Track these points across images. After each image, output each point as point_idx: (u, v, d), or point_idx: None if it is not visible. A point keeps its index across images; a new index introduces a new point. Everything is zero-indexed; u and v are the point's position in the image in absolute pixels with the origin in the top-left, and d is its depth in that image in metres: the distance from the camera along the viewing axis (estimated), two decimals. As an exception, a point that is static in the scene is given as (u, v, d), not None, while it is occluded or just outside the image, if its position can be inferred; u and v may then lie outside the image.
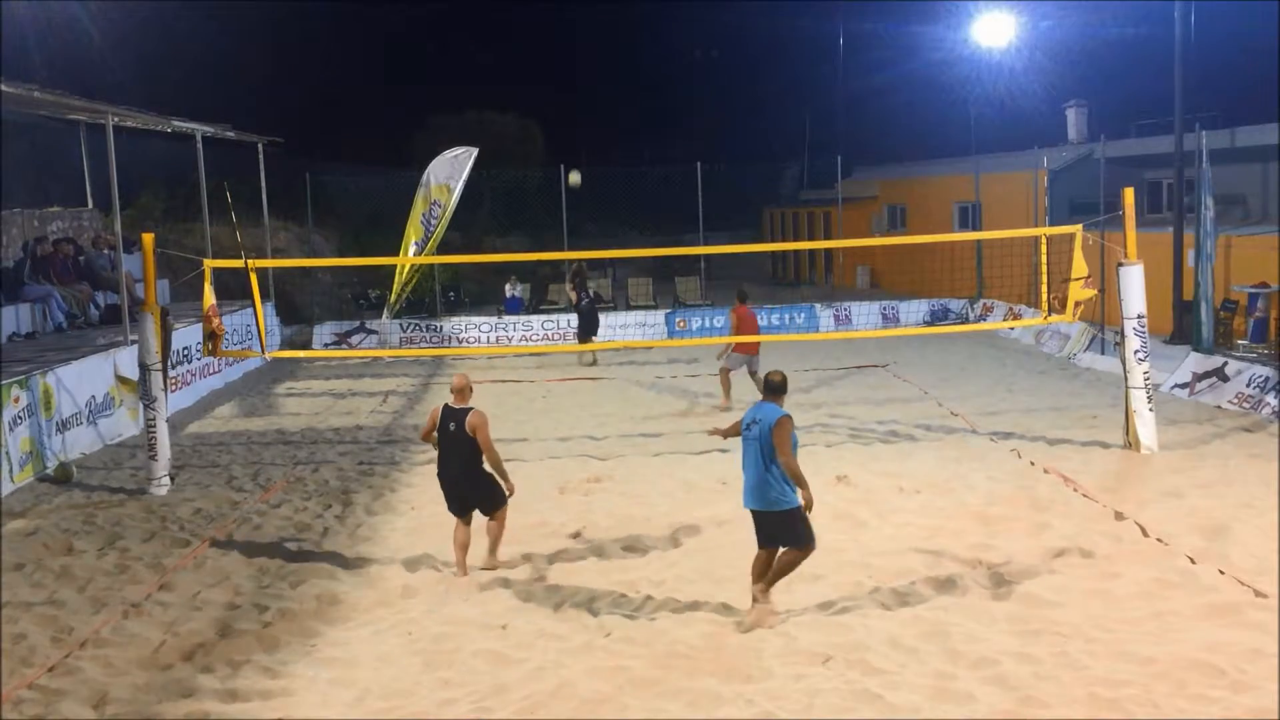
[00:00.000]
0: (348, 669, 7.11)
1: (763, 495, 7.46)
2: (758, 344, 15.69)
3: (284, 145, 23.60)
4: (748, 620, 7.49)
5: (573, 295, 21.62)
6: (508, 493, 8.77)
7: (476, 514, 8.85)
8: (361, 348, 23.96)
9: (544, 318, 25.22)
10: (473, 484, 8.69)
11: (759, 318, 25.11)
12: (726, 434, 8.30)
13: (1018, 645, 7.04)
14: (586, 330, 20.95)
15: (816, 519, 10.01)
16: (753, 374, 15.38)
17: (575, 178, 16.46)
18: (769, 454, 7.36)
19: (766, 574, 7.58)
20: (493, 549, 8.92)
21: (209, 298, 12.36)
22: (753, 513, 7.60)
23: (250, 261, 12.53)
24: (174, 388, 15.46)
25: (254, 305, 13.02)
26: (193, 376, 17.64)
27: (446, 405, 8.71)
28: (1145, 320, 12.42)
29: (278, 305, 23.10)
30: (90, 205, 22.03)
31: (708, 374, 19.07)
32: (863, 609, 7.78)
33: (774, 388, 7.77)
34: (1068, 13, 31.81)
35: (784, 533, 7.48)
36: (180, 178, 27.71)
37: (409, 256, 21.67)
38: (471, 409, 8.57)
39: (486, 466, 8.62)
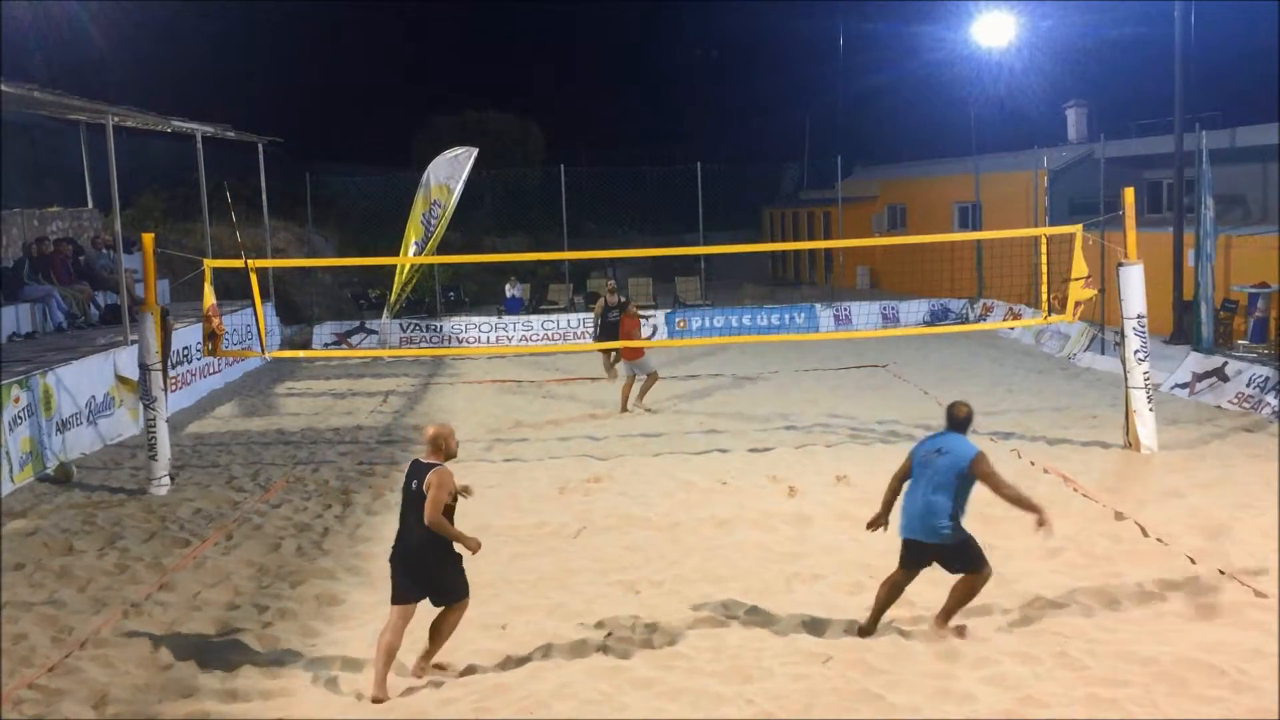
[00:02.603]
0: (348, 669, 7.11)
1: (926, 525, 7.03)
2: (640, 350, 15.69)
3: (284, 145, 23.61)
4: (938, 643, 7.01)
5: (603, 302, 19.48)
6: (471, 549, 6.77)
7: (423, 606, 6.88)
8: (361, 348, 23.96)
9: (544, 318, 25.23)
10: (427, 562, 6.74)
11: (759, 318, 25.32)
12: (880, 520, 7.42)
13: (1018, 645, 7.04)
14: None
15: (817, 519, 10.07)
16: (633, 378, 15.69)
17: None
18: (945, 486, 6.97)
19: (894, 598, 7.25)
20: (432, 651, 6.95)
21: (209, 298, 12.36)
22: (914, 544, 7.13)
23: (250, 261, 12.53)
24: (174, 388, 15.47)
25: (254, 305, 13.02)
26: (193, 376, 17.64)
27: (415, 460, 6.96)
28: (1145, 320, 12.42)
29: (278, 305, 23.10)
30: (90, 205, 22.03)
31: (707, 374, 19.09)
32: (863, 609, 7.78)
33: (958, 422, 7.31)
34: (1068, 13, 31.82)
35: (958, 560, 7.09)
36: (180, 178, 27.75)
37: (409, 256, 21.67)
38: (435, 465, 6.77)
39: (457, 546, 6.83)
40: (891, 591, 7.31)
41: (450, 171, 21.70)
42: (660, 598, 8.14)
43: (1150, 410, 12.33)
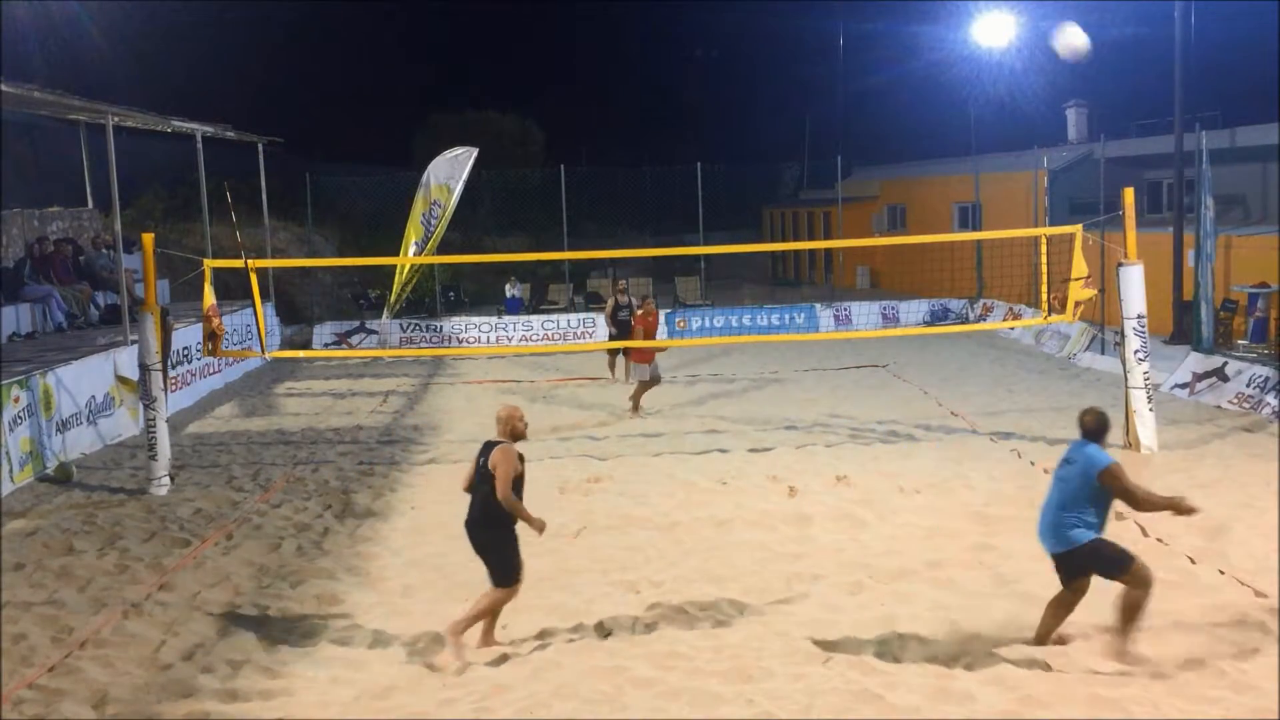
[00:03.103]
0: (348, 669, 7.11)
1: (1058, 535, 6.84)
2: (651, 354, 15.36)
3: (284, 145, 23.61)
4: (1116, 661, 6.71)
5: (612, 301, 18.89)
6: (536, 530, 7.04)
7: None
8: (361, 348, 23.96)
9: (544, 318, 25.23)
10: (482, 537, 7.13)
11: (759, 318, 25.30)
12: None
13: (1018, 645, 7.04)
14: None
15: (816, 519, 10.07)
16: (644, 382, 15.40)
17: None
18: (1074, 496, 6.79)
19: (1061, 617, 7.02)
20: (465, 626, 7.11)
21: (209, 298, 12.36)
22: (1054, 556, 6.94)
23: (250, 261, 12.53)
24: (174, 388, 15.48)
25: (254, 305, 13.02)
26: (193, 376, 17.64)
27: (488, 440, 7.28)
28: (1145, 320, 12.42)
29: (278, 305, 23.10)
30: (90, 205, 22.03)
31: (707, 373, 19.10)
32: (863, 609, 7.78)
33: (1089, 432, 6.98)
34: (1068, 13, 31.77)
35: (1096, 564, 6.83)
36: (180, 178, 27.77)
37: (409, 256, 21.67)
38: (500, 444, 7.08)
39: (518, 526, 7.11)
40: (1057, 610, 7.05)
41: (450, 171, 21.71)
42: (660, 598, 8.13)
43: (1150, 410, 12.33)
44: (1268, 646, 6.83)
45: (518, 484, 7.05)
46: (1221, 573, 8.19)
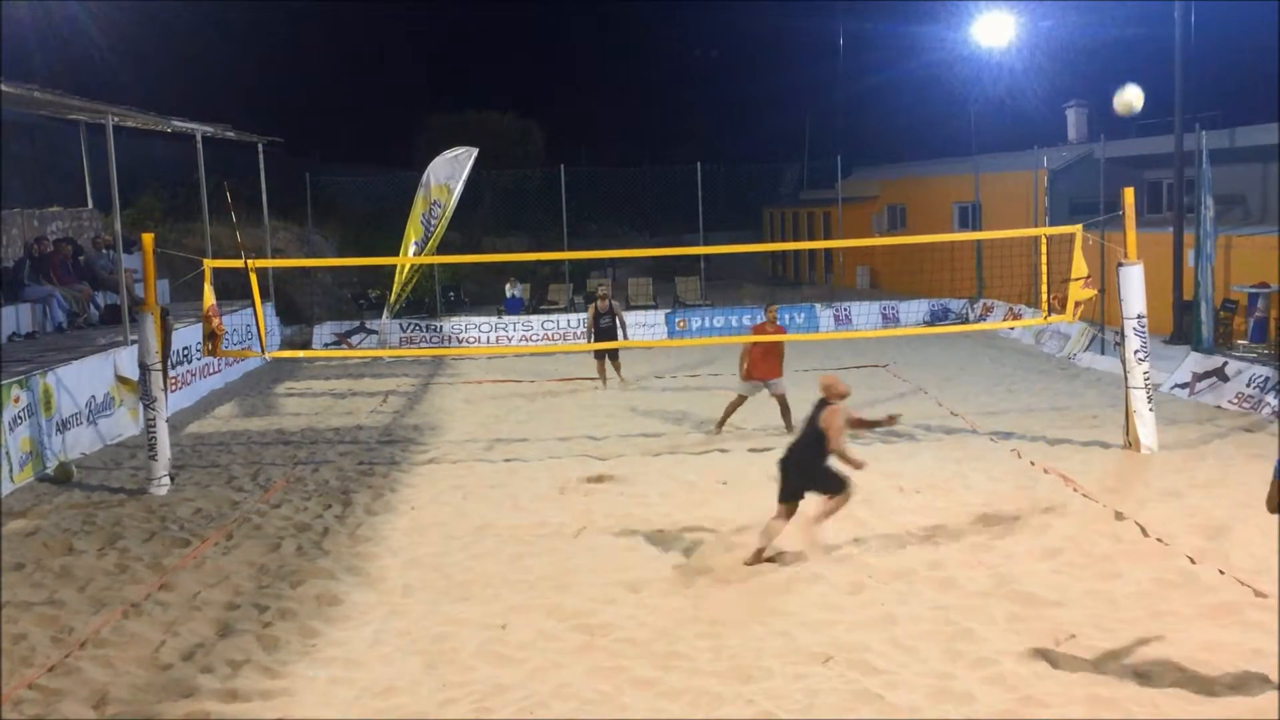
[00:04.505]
0: (348, 669, 7.11)
1: None
2: (775, 366, 14.01)
3: (284, 145, 23.62)
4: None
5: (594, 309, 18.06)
6: (857, 466, 8.78)
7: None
8: (361, 348, 23.97)
9: (544, 318, 25.23)
10: (814, 469, 8.82)
11: (759, 318, 25.28)
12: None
13: (1018, 645, 7.04)
14: (604, 351, 17.90)
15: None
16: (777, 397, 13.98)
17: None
18: None
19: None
20: (821, 518, 8.99)
21: (209, 298, 12.35)
22: None
23: (250, 261, 12.52)
24: (174, 388, 15.47)
25: (254, 305, 13.02)
26: (193, 376, 17.64)
27: (821, 399, 8.89)
28: (1145, 320, 12.42)
29: (278, 305, 23.11)
30: (90, 205, 22.02)
31: (707, 374, 19.09)
32: (863, 609, 7.79)
33: None
34: (1068, 13, 31.85)
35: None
36: (180, 178, 27.75)
37: (409, 256, 21.67)
38: (830, 404, 8.71)
39: (829, 462, 8.76)
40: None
41: (450, 171, 21.69)
42: (660, 598, 8.14)
43: (1150, 410, 12.33)
44: (1268, 646, 6.83)
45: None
46: (1221, 573, 8.18)
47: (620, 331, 17.30)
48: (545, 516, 10.41)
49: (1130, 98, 11.84)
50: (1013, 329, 22.18)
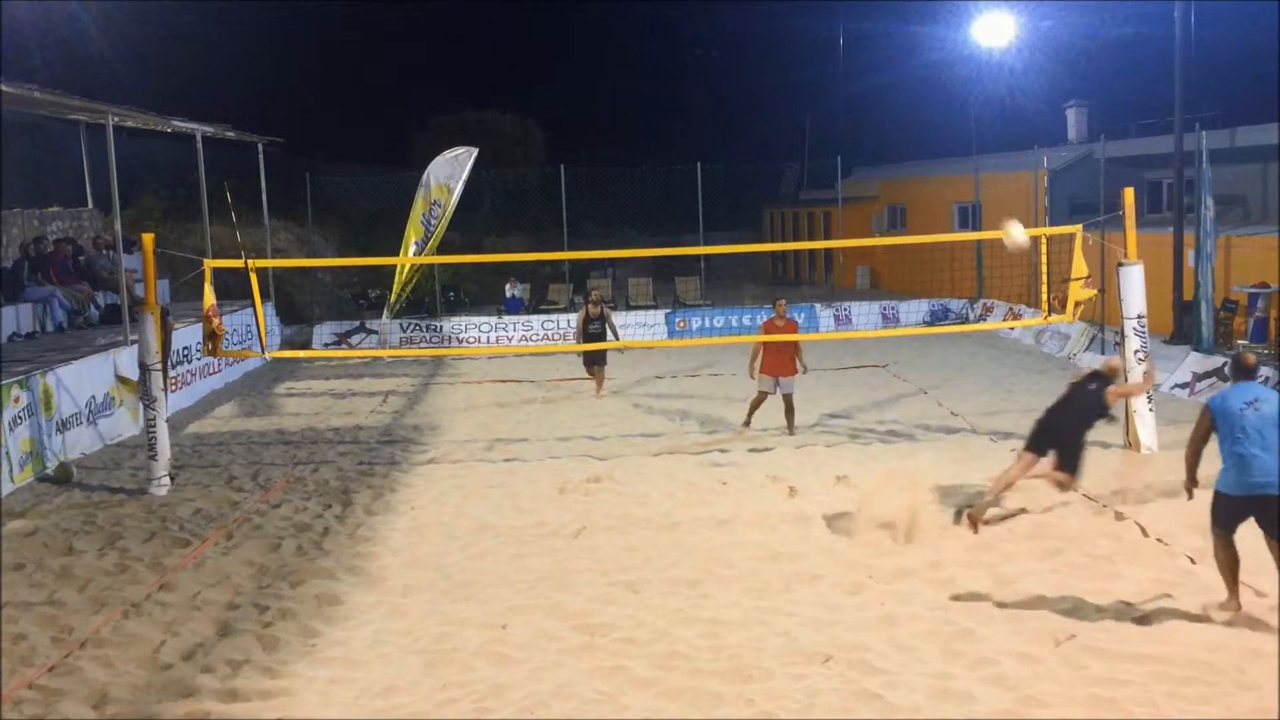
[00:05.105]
0: (348, 669, 7.10)
1: (1255, 482, 6.93)
2: (788, 363, 13.73)
3: (284, 145, 23.61)
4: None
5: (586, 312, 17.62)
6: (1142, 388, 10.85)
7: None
8: (361, 348, 23.97)
9: (544, 318, 25.23)
10: (1071, 438, 9.51)
11: (759, 318, 25.27)
12: (1193, 481, 7.54)
13: (1018, 645, 7.04)
14: (593, 357, 17.43)
15: (816, 519, 10.06)
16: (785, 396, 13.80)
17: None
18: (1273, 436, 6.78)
19: (1237, 561, 7.18)
20: (1051, 475, 9.54)
21: (209, 298, 12.35)
22: (1235, 499, 7.08)
23: (250, 261, 12.52)
24: (174, 388, 15.48)
25: (254, 305, 13.02)
26: (193, 376, 17.64)
27: (1097, 371, 10.16)
28: (1145, 320, 12.42)
29: (278, 305, 23.10)
30: (90, 205, 22.03)
31: (707, 374, 19.09)
32: (863, 609, 7.78)
33: (1249, 370, 7.31)
34: (1068, 13, 31.87)
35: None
36: (180, 178, 27.76)
37: (409, 256, 21.67)
38: (1111, 383, 9.87)
39: (1085, 439, 9.61)
40: (1232, 557, 7.25)
41: (450, 171, 21.70)
42: (660, 598, 8.14)
43: (1150, 410, 12.33)
44: (1268, 646, 6.83)
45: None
46: (1221, 573, 8.17)
47: (611, 334, 17.24)
48: (545, 516, 10.41)
49: (1016, 235, 12.12)
50: (1013, 329, 22.18)
